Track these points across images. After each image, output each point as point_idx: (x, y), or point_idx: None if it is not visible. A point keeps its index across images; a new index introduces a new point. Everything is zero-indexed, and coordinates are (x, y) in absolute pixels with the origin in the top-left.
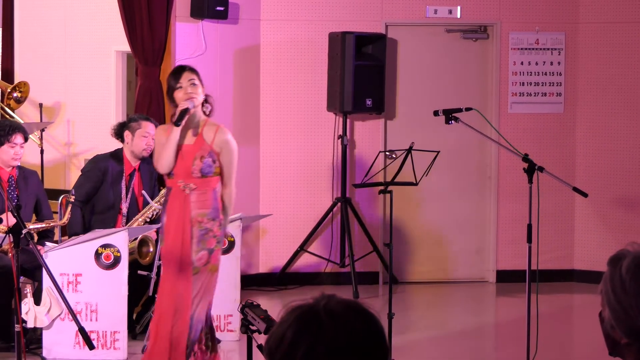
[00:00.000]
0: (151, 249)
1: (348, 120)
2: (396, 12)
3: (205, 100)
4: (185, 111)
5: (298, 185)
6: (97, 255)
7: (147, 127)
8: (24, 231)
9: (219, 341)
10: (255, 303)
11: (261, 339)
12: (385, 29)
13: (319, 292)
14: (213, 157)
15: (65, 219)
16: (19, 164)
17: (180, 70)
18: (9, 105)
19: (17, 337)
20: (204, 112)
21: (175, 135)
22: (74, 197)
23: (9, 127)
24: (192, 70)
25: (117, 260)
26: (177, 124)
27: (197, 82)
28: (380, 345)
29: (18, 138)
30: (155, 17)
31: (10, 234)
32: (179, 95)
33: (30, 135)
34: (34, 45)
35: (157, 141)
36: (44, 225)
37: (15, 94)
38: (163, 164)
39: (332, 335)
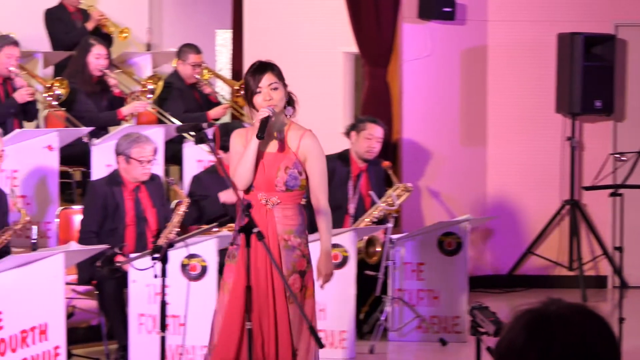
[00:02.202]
0: (378, 249)
1: (576, 122)
2: (627, 12)
3: (289, 102)
4: (266, 121)
5: (525, 187)
6: None
7: (372, 129)
8: (254, 230)
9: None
10: (484, 305)
11: (490, 341)
12: (615, 30)
13: (547, 295)
14: (299, 169)
15: None
16: None
17: (261, 71)
18: (237, 103)
19: (249, 335)
20: (286, 115)
21: (254, 147)
22: (305, 200)
23: (234, 131)
24: (274, 70)
25: (345, 260)
26: (259, 136)
27: (279, 85)
28: (613, 350)
29: None
30: (382, 18)
31: (242, 232)
32: (257, 100)
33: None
34: (262, 47)
35: (233, 149)
36: None
37: (242, 92)
38: (241, 177)
39: (564, 340)
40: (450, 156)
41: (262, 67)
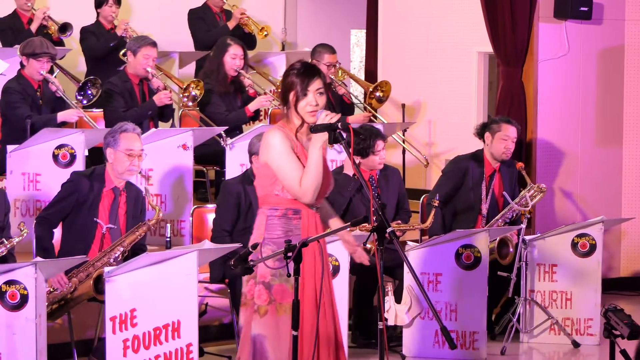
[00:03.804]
0: (511, 250)
1: None
2: None
3: None
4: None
5: None
6: (458, 255)
7: (507, 129)
8: (388, 230)
9: None
10: (618, 307)
11: (624, 343)
12: None
13: None
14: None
15: (428, 223)
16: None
17: (312, 75)
18: (370, 105)
19: (380, 334)
20: None
21: (320, 154)
22: (438, 201)
23: (369, 137)
24: (322, 76)
25: (477, 261)
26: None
27: (324, 91)
28: None
29: (380, 144)
30: (518, 18)
31: (375, 233)
32: (302, 103)
33: (393, 136)
34: (397, 46)
35: (283, 150)
36: (407, 226)
37: (377, 94)
38: (315, 190)
39: None
40: (585, 157)
41: (314, 71)
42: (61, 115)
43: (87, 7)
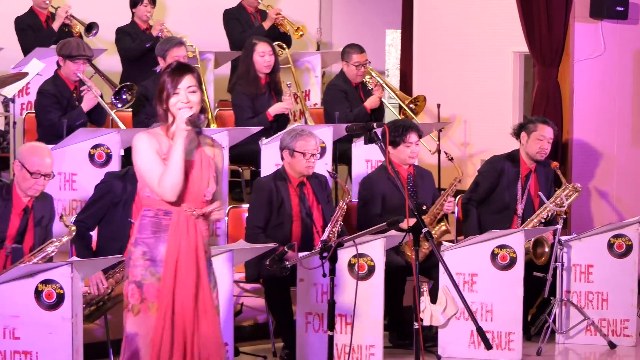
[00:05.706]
0: (546, 250)
1: None
2: None
3: (201, 109)
4: (194, 119)
5: None
6: (493, 255)
7: (543, 130)
8: (423, 230)
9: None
10: None
11: None
12: None
13: None
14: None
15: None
16: (416, 162)
17: (181, 73)
18: (404, 114)
19: (416, 334)
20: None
21: (180, 151)
22: (449, 154)
23: (402, 127)
24: (194, 73)
25: (513, 261)
26: (198, 132)
27: (196, 89)
28: None
29: (412, 137)
30: (554, 18)
31: (410, 233)
32: (173, 101)
33: (431, 135)
34: (432, 46)
35: (143, 154)
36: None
37: (411, 105)
38: (174, 188)
39: None
40: (621, 157)
41: (183, 69)
42: (84, 104)
43: (106, 6)
